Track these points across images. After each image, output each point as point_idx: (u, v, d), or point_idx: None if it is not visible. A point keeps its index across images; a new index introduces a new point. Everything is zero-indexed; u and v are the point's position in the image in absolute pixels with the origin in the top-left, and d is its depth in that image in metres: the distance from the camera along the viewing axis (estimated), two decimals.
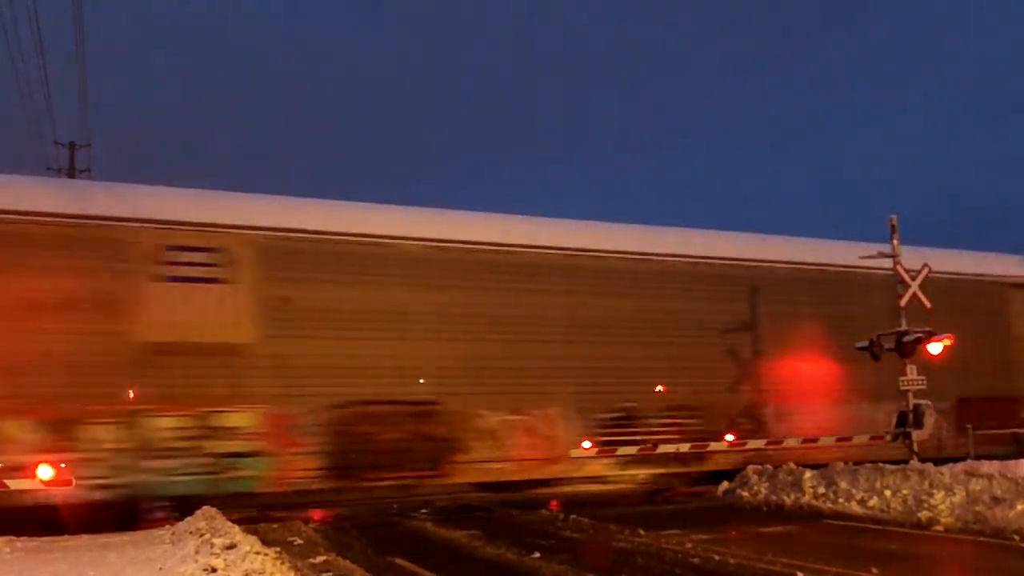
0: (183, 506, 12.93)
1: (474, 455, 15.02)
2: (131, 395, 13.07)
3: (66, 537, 11.58)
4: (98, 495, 12.65)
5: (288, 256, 14.26)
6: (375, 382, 14.48)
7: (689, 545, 10.47)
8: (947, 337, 15.96)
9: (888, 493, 13.26)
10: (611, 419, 16.33)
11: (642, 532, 11.71)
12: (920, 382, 15.82)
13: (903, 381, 15.83)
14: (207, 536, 9.38)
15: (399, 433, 14.51)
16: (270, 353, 13.92)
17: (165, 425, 13.22)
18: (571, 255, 16.56)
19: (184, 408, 13.30)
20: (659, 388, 16.73)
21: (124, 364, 13.10)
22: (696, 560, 9.54)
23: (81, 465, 12.48)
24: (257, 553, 8.23)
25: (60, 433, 12.52)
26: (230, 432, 13.62)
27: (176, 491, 13.22)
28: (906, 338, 15.70)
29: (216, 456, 13.42)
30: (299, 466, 13.91)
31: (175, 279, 13.54)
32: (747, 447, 17.14)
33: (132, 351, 13.15)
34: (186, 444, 13.31)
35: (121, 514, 12.72)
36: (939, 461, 14.16)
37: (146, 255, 13.43)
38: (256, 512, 14.61)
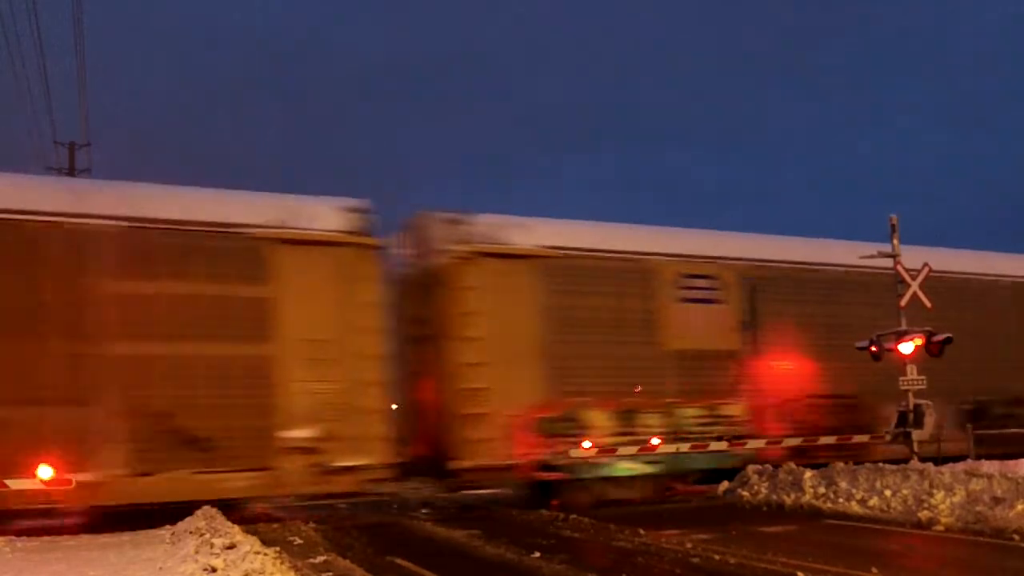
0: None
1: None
2: (665, 391, 16.73)
3: (66, 537, 11.57)
4: (649, 469, 16.20)
5: (759, 281, 17.87)
6: (814, 380, 17.84)
7: (689, 545, 10.46)
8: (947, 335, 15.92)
9: (888, 493, 13.23)
10: (965, 410, 18.93)
11: (642, 532, 11.71)
12: (920, 382, 15.79)
13: (903, 381, 15.81)
14: (207, 536, 9.37)
15: (835, 420, 17.92)
16: (749, 358, 17.59)
17: (688, 414, 16.83)
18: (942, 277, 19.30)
19: (700, 401, 16.90)
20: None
21: (658, 367, 16.78)
22: (696, 560, 9.54)
23: (636, 444, 16.16)
24: (257, 553, 8.22)
25: (624, 420, 16.13)
26: (729, 419, 17.21)
27: (696, 466, 16.67)
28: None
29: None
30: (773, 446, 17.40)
31: (687, 300, 17.26)
32: None
33: (662, 357, 16.83)
34: (702, 429, 16.88)
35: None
36: (939, 461, 14.16)
37: (668, 282, 17.17)
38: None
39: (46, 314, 12.88)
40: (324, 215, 14.64)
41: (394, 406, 16.23)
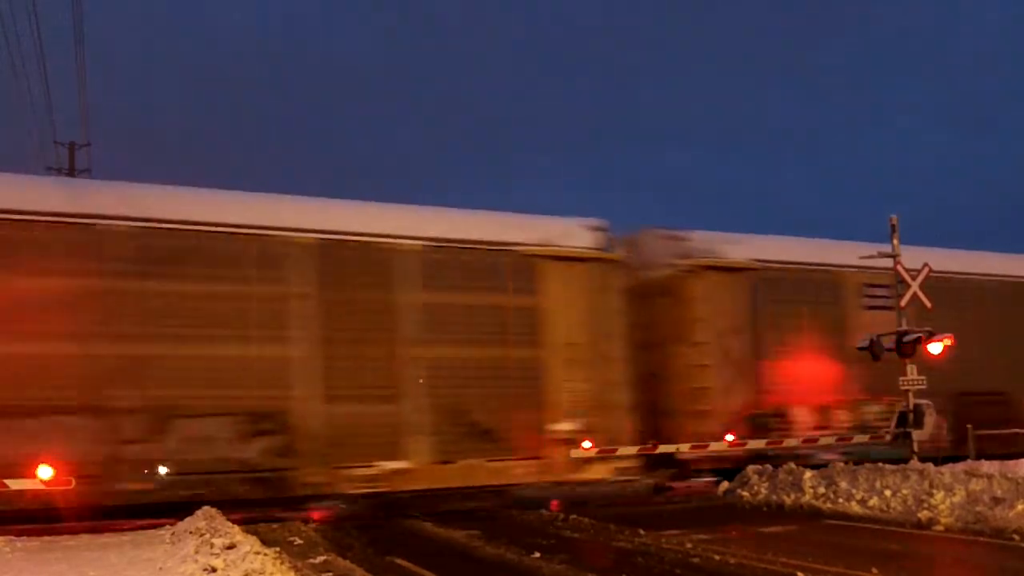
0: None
1: None
2: (854, 388, 18.46)
3: (66, 537, 11.57)
4: (832, 456, 17.14)
5: (926, 290, 18.08)
6: (969, 378, 19.21)
7: (689, 545, 10.46)
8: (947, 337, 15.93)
9: (888, 493, 13.23)
10: None
11: (642, 532, 11.70)
12: (920, 382, 15.80)
13: (903, 381, 15.81)
14: (207, 536, 9.36)
15: (987, 414, 19.07)
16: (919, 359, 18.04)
17: (873, 410, 18.59)
18: None
19: (881, 398, 18.36)
20: None
21: (847, 367, 18.20)
22: (696, 560, 9.54)
23: (832, 436, 18.08)
24: (257, 553, 8.22)
25: (820, 415, 18.20)
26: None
27: (882, 456, 16.23)
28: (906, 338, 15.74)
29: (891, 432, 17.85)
30: (937, 437, 18.05)
31: (869, 308, 19.04)
32: None
33: (850, 359, 17.81)
34: (880, 423, 18.29)
35: None
36: (939, 461, 14.17)
37: (853, 291, 19.09)
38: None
39: (367, 323, 14.78)
40: (577, 234, 16.60)
41: None
